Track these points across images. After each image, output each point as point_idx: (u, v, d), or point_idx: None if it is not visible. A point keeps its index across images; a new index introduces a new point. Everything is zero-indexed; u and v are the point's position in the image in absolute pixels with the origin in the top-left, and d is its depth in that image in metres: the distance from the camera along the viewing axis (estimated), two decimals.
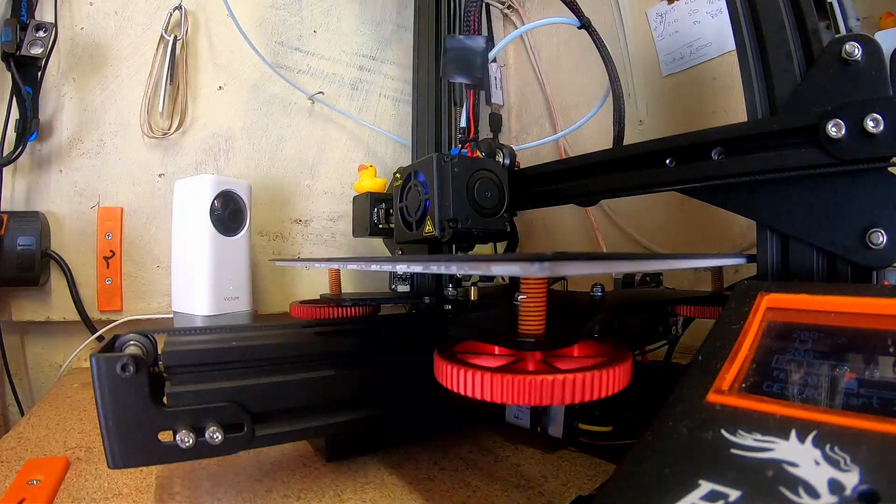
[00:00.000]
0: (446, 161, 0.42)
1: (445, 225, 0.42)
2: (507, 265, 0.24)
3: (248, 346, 0.37)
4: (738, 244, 0.74)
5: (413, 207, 0.45)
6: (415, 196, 0.45)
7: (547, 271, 0.22)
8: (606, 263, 0.29)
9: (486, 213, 0.44)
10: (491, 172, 0.45)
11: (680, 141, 0.39)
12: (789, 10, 0.34)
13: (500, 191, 0.45)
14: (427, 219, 0.43)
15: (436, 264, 0.32)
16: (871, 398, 0.20)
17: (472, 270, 0.30)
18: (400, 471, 0.41)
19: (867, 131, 0.29)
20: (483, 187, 0.44)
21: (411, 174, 0.46)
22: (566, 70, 1.06)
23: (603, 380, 0.29)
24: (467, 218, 0.43)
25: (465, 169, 0.43)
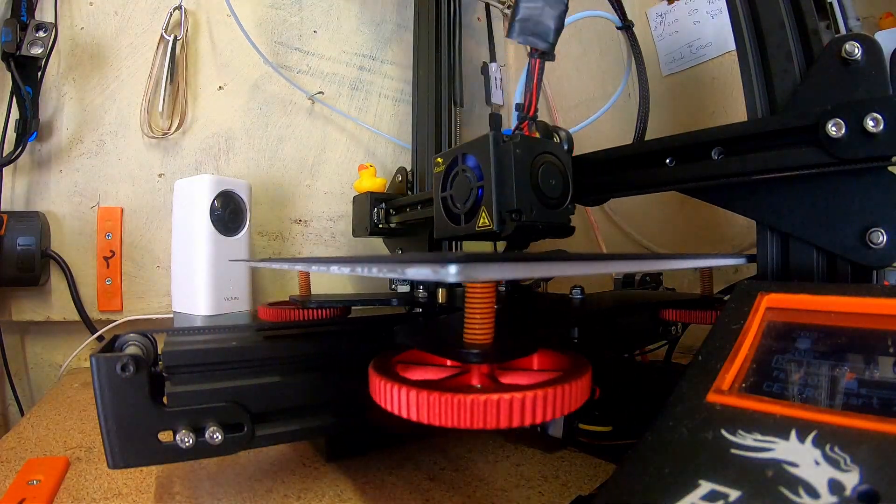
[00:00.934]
0: (506, 141, 0.35)
1: (507, 217, 0.35)
2: (419, 267, 0.21)
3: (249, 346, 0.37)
4: (738, 244, 0.74)
5: (461, 197, 0.38)
6: (463, 184, 0.38)
7: (460, 275, 0.18)
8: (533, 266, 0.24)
9: (551, 203, 0.37)
10: (555, 156, 0.38)
11: (680, 141, 0.39)
12: (789, 10, 0.34)
13: (564, 177, 0.39)
14: (481, 210, 0.36)
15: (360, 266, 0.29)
16: (871, 398, 0.20)
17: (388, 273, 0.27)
18: (400, 471, 0.41)
19: (867, 131, 0.29)
20: (547, 173, 0.37)
21: (458, 158, 0.39)
22: (566, 70, 1.06)
23: (548, 399, 0.25)
24: (531, 209, 0.36)
25: (527, 151, 0.36)
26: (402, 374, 0.32)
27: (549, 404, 0.25)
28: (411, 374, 0.33)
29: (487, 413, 0.24)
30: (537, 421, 0.25)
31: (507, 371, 0.32)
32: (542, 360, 0.35)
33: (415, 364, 0.34)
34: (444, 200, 0.40)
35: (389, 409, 0.28)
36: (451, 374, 0.32)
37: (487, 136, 0.35)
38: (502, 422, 0.24)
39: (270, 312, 0.47)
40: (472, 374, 0.31)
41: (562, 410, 0.26)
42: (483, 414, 0.24)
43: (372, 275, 0.23)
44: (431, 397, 0.25)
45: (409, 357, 0.35)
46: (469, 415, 0.24)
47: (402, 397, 0.26)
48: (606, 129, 0.52)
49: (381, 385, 0.28)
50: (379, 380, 0.28)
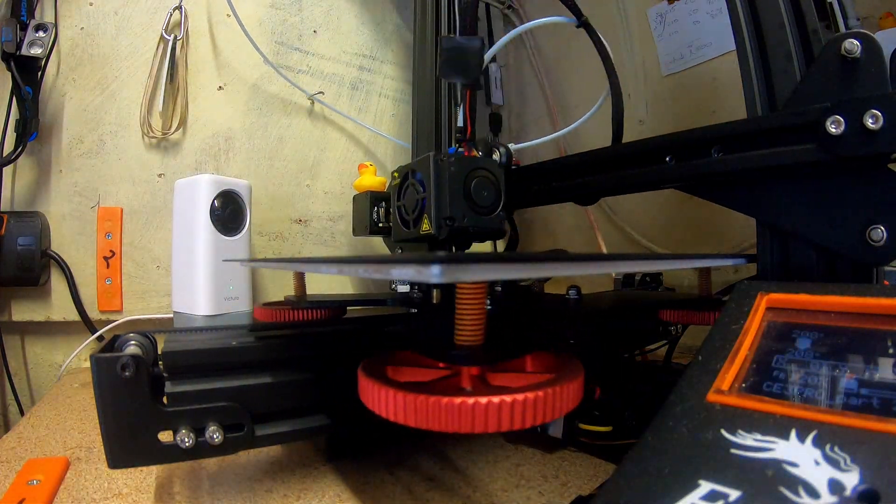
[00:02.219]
0: (443, 160, 0.42)
1: (442, 223, 0.42)
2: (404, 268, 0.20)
3: (249, 346, 0.37)
4: (738, 244, 0.74)
5: (410, 206, 0.45)
6: (412, 194, 0.45)
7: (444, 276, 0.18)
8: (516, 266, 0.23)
9: (482, 211, 0.44)
10: (487, 171, 0.44)
11: (680, 138, 0.39)
12: (789, 10, 0.34)
13: (496, 189, 0.45)
14: (424, 217, 0.43)
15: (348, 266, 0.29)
16: (871, 398, 0.20)
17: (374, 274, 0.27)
18: (400, 471, 0.41)
19: (867, 128, 0.29)
20: (480, 185, 0.43)
21: (409, 173, 0.46)
22: (566, 70, 1.06)
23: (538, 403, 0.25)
24: (464, 216, 0.42)
25: (461, 167, 0.43)
26: (393, 376, 0.31)
27: (539, 408, 0.25)
28: (402, 375, 0.32)
29: (475, 417, 0.24)
30: (527, 425, 0.25)
31: (498, 373, 0.32)
32: (535, 361, 0.34)
33: (407, 365, 0.34)
34: (399, 209, 0.47)
35: (376, 411, 0.27)
36: (441, 375, 0.32)
37: (429, 155, 0.42)
38: (490, 426, 0.24)
39: (265, 313, 0.47)
40: (463, 376, 0.31)
41: (552, 414, 0.25)
42: (471, 418, 0.24)
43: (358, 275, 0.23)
44: (418, 400, 0.25)
45: (401, 358, 0.35)
46: (456, 418, 0.24)
47: (388, 400, 0.26)
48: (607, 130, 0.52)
49: (368, 387, 0.28)
50: (367, 382, 0.28)
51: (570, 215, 1.04)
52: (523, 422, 0.24)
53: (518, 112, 1.18)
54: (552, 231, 1.10)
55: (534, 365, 0.34)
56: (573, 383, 0.27)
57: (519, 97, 1.18)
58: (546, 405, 0.25)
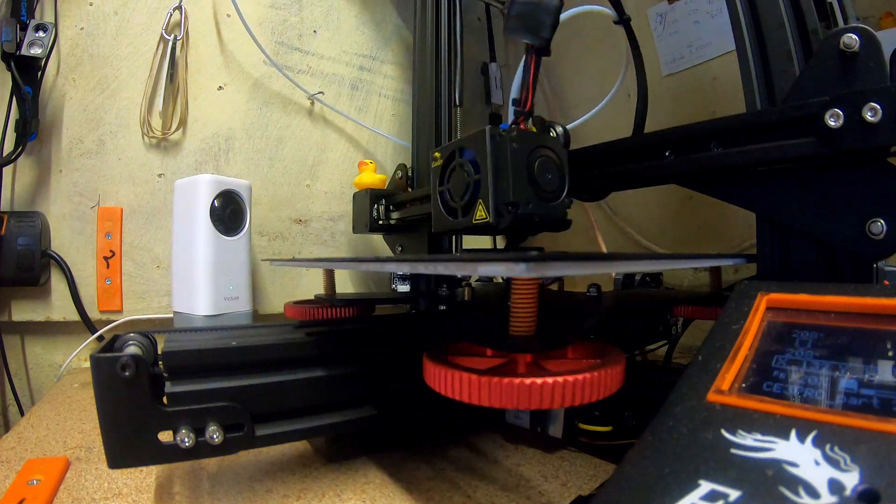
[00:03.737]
0: (503, 135, 0.36)
1: (503, 209, 0.35)
2: (493, 265, 0.23)
3: (249, 346, 0.37)
4: (738, 244, 0.74)
5: (458, 191, 0.38)
6: (460, 177, 0.38)
7: (532, 272, 0.21)
8: (593, 264, 0.27)
9: (547, 196, 0.37)
10: (551, 150, 0.38)
11: (679, 133, 0.39)
12: (789, 10, 0.34)
13: (560, 171, 0.39)
14: (478, 203, 0.36)
15: (423, 264, 0.30)
16: (871, 398, 0.20)
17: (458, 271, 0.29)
18: (400, 471, 0.41)
19: (866, 121, 0.28)
20: (544, 167, 0.37)
21: (455, 151, 0.39)
22: (566, 70, 1.06)
23: (594, 383, 0.28)
24: (528, 202, 0.36)
25: (524, 145, 0.36)
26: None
27: (593, 386, 0.28)
28: (462, 363, 0.34)
29: (543, 395, 0.27)
30: (585, 401, 0.28)
31: (548, 360, 0.35)
32: (575, 350, 0.37)
33: (460, 355, 0.36)
34: (442, 194, 0.41)
35: (450, 394, 0.30)
36: (499, 363, 0.34)
37: (484, 130, 0.35)
38: (555, 402, 0.28)
39: (297, 310, 0.48)
40: (519, 363, 0.33)
41: (603, 392, 0.29)
42: (539, 395, 0.27)
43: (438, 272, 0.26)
44: (492, 382, 0.28)
45: (453, 349, 0.37)
46: (526, 396, 0.27)
47: (462, 382, 0.29)
48: (608, 130, 0.52)
49: (442, 373, 0.30)
50: (439, 368, 0.30)
51: (570, 215, 1.04)
52: (581, 398, 0.28)
53: None
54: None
55: (574, 353, 0.37)
56: (618, 366, 0.30)
57: None
58: (597, 384, 0.29)
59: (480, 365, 0.33)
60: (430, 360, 0.32)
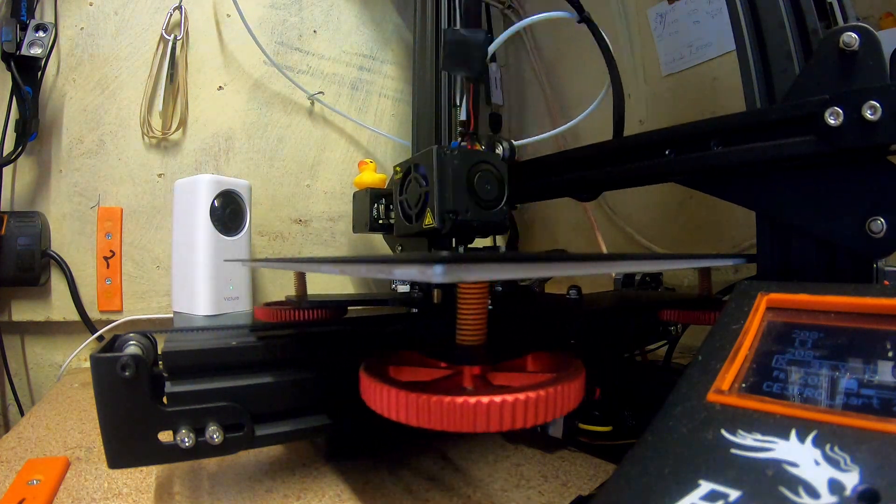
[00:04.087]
0: (447, 153, 0.42)
1: (445, 217, 0.41)
2: (407, 267, 0.20)
3: (249, 346, 0.37)
4: (738, 244, 0.74)
5: (413, 200, 0.45)
6: (415, 189, 0.44)
7: (449, 275, 0.18)
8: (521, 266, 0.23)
9: (486, 205, 0.43)
10: (491, 165, 0.44)
11: (679, 131, 0.39)
12: (789, 10, 0.34)
13: (500, 183, 0.44)
14: (427, 211, 0.43)
15: (341, 266, 0.29)
16: (871, 398, 0.20)
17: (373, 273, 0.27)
18: (400, 471, 0.41)
19: (865, 119, 0.29)
20: (483, 179, 0.43)
21: (411, 167, 0.45)
22: (566, 70, 1.06)
23: (541, 402, 0.25)
24: (467, 210, 0.42)
25: (464, 161, 0.42)
26: (395, 376, 0.31)
27: (541, 407, 0.25)
28: (404, 375, 0.32)
29: (477, 416, 0.24)
30: (528, 425, 0.25)
31: (500, 372, 0.32)
32: (536, 361, 0.34)
33: (408, 365, 0.34)
34: (401, 203, 0.47)
35: (378, 410, 0.27)
36: (443, 375, 0.32)
37: (432, 149, 0.42)
38: (492, 425, 0.24)
39: (266, 312, 0.47)
40: (465, 376, 0.31)
41: (554, 413, 0.26)
42: (472, 417, 0.24)
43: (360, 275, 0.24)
44: (419, 400, 0.25)
45: (402, 358, 0.35)
46: (458, 418, 0.24)
47: (390, 399, 0.26)
48: (608, 130, 0.52)
49: (370, 386, 0.28)
50: (368, 381, 0.28)
51: (570, 215, 1.04)
52: (525, 421, 0.24)
53: (518, 112, 1.18)
54: (552, 231, 1.10)
55: (534, 364, 0.34)
56: (574, 382, 0.27)
57: (518, 97, 1.18)
58: (548, 404, 0.25)
59: (425, 377, 0.31)
60: (365, 372, 0.29)
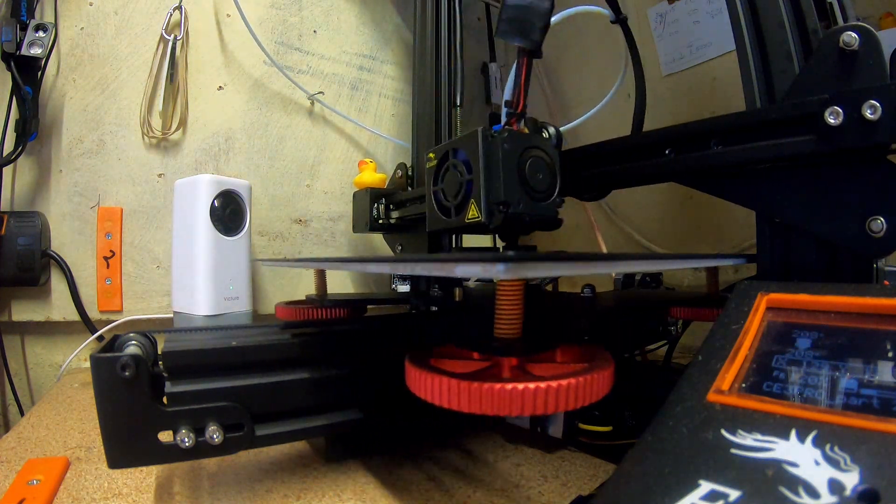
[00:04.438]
0: (494, 136, 0.36)
1: (494, 209, 0.36)
2: (470, 266, 0.22)
3: (249, 346, 0.37)
4: (738, 244, 0.74)
5: (452, 190, 0.39)
6: (454, 177, 0.39)
7: (511, 272, 0.19)
8: (575, 265, 0.26)
9: (538, 196, 0.38)
10: (542, 151, 0.39)
11: (679, 131, 0.39)
12: (789, 10, 0.34)
13: (552, 171, 0.39)
14: (470, 203, 0.37)
15: (402, 265, 0.30)
16: (871, 398, 0.20)
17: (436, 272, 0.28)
18: (400, 471, 0.41)
19: (865, 118, 0.28)
20: (535, 167, 0.37)
21: (449, 152, 0.40)
22: (566, 70, 1.06)
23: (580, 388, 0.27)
24: (519, 201, 0.36)
25: (515, 145, 0.37)
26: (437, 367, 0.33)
27: (580, 392, 0.27)
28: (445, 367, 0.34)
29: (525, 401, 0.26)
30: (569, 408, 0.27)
31: (535, 363, 0.34)
32: (564, 353, 0.36)
33: (446, 358, 0.35)
34: (436, 194, 0.41)
35: (428, 399, 0.29)
36: (481, 367, 0.33)
37: (476, 131, 0.36)
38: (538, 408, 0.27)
39: (289, 311, 0.47)
40: (503, 367, 0.32)
41: (589, 398, 0.28)
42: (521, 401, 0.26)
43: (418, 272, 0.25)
44: (472, 387, 0.27)
45: (440, 352, 0.36)
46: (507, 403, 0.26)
47: (442, 387, 0.28)
48: (607, 130, 0.52)
49: (421, 377, 0.29)
50: (419, 372, 0.30)
51: (570, 215, 1.04)
52: (565, 404, 0.27)
53: None
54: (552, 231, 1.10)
55: (563, 357, 0.36)
56: (606, 371, 0.29)
57: None
58: (585, 390, 0.28)
59: (464, 368, 0.32)
60: (411, 364, 0.31)
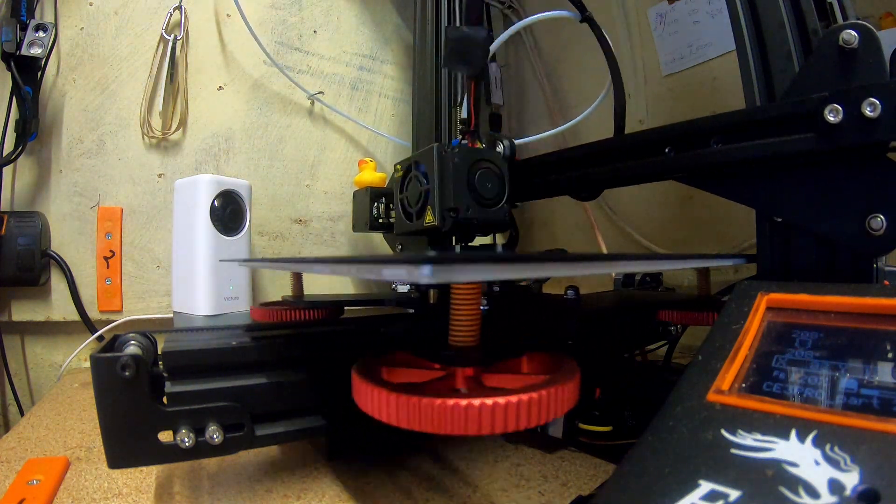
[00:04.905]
0: (447, 151, 0.42)
1: (446, 215, 0.41)
2: (395, 268, 0.20)
3: (249, 346, 0.37)
4: (738, 244, 0.74)
5: (413, 198, 0.45)
6: (415, 187, 0.44)
7: (435, 276, 0.17)
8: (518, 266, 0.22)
9: (487, 203, 0.43)
10: (491, 163, 0.44)
11: (679, 129, 0.39)
12: (789, 11, 0.34)
13: (500, 181, 0.44)
14: (427, 209, 0.43)
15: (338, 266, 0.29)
16: (871, 398, 0.20)
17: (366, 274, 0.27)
18: (400, 471, 0.41)
19: (865, 116, 0.28)
20: (484, 177, 0.43)
21: (411, 165, 0.45)
22: (566, 70, 1.06)
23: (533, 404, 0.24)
24: (468, 208, 0.42)
25: (465, 159, 0.42)
26: (387, 377, 0.31)
27: (533, 409, 0.24)
28: (396, 376, 0.32)
29: (468, 418, 0.23)
30: (521, 427, 0.24)
31: (493, 374, 0.32)
32: (531, 362, 0.34)
33: (402, 366, 0.33)
34: (402, 201, 0.47)
35: (369, 412, 0.27)
36: (436, 376, 0.31)
37: (432, 147, 0.42)
38: (483, 427, 0.23)
39: (261, 313, 0.47)
40: (457, 377, 0.31)
41: (548, 416, 0.25)
42: (464, 419, 0.23)
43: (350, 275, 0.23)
44: (410, 402, 0.24)
45: (396, 359, 0.34)
46: (448, 420, 0.23)
47: (380, 401, 0.26)
48: (607, 129, 0.52)
49: (361, 388, 0.28)
50: (360, 382, 0.28)
51: (570, 214, 1.04)
52: (517, 423, 0.24)
53: (518, 112, 1.18)
54: (552, 230, 1.10)
55: (529, 366, 0.34)
56: (569, 384, 0.27)
57: (518, 97, 1.18)
58: (541, 406, 0.25)
59: (419, 378, 0.30)
60: (356, 373, 0.29)
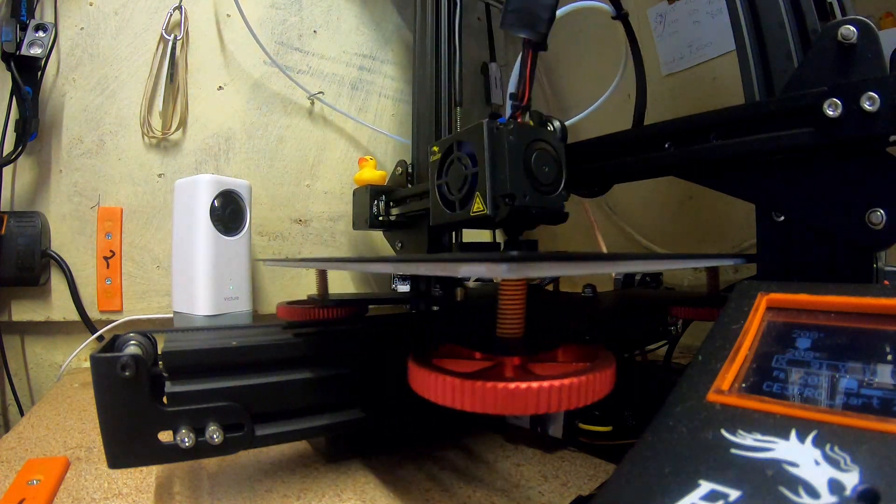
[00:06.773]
0: (500, 128, 0.36)
1: (500, 201, 0.35)
2: (474, 266, 0.22)
3: (249, 346, 0.37)
4: (738, 244, 0.74)
5: (456, 184, 0.39)
6: (458, 170, 0.38)
7: (514, 272, 0.19)
8: (579, 264, 0.26)
9: (544, 189, 0.37)
10: (548, 144, 0.39)
11: (678, 124, 0.39)
12: (789, 10, 0.34)
13: (558, 164, 0.39)
14: (476, 196, 0.37)
15: (405, 265, 0.30)
16: (871, 398, 0.20)
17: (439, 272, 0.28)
18: (400, 471, 0.41)
19: (864, 110, 0.28)
20: (540, 159, 0.37)
21: (453, 145, 0.39)
22: (566, 68, 1.06)
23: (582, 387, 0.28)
24: (525, 194, 0.36)
25: (521, 138, 0.36)
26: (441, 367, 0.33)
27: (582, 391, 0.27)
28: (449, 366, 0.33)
29: (528, 400, 0.27)
30: (570, 407, 0.27)
31: (537, 363, 0.34)
32: (566, 353, 0.36)
33: (448, 358, 0.35)
34: (440, 188, 0.41)
35: (432, 398, 0.29)
36: (484, 366, 0.33)
37: (482, 123, 0.36)
38: (541, 407, 0.27)
39: (291, 311, 0.47)
40: (506, 366, 0.32)
41: (592, 397, 0.28)
42: (524, 401, 0.26)
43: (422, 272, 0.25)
44: (476, 385, 0.27)
45: (442, 351, 0.36)
46: (511, 402, 0.26)
47: (446, 387, 0.28)
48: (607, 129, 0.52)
49: (425, 375, 0.29)
50: (424, 372, 0.29)
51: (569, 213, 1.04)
52: (569, 403, 0.27)
53: None
54: (552, 229, 1.09)
55: (564, 356, 0.36)
56: (609, 370, 0.29)
57: None
58: (588, 389, 0.28)
59: (467, 368, 0.32)
60: (414, 363, 0.31)
